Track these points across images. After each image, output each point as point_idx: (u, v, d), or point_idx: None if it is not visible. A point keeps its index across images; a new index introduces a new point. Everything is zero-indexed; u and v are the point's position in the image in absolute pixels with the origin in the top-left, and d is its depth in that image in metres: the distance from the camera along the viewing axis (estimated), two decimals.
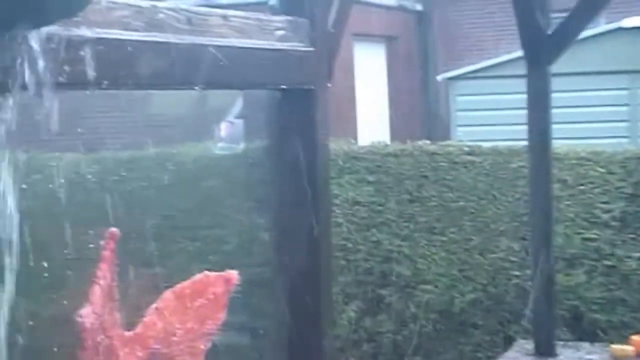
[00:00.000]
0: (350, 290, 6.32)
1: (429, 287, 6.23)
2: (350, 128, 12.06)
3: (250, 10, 2.33)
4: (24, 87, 1.62)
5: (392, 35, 14.83)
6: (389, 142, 7.00)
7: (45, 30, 1.59)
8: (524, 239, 5.94)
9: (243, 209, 6.57)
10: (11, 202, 1.69)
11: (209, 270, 2.27)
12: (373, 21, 13.64)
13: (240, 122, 10.45)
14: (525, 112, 5.25)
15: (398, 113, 14.45)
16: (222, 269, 2.32)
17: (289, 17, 2.44)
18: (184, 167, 6.77)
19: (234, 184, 6.65)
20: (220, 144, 9.42)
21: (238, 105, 10.97)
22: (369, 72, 14.17)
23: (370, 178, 6.46)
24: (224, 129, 10.90)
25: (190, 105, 10.86)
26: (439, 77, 11.69)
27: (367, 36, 13.73)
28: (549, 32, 5.13)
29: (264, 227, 6.46)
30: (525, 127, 5.28)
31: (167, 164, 6.76)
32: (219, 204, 6.63)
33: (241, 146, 7.48)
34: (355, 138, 9.88)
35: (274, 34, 2.34)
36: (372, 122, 13.70)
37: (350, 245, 6.35)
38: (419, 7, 15.32)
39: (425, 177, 6.37)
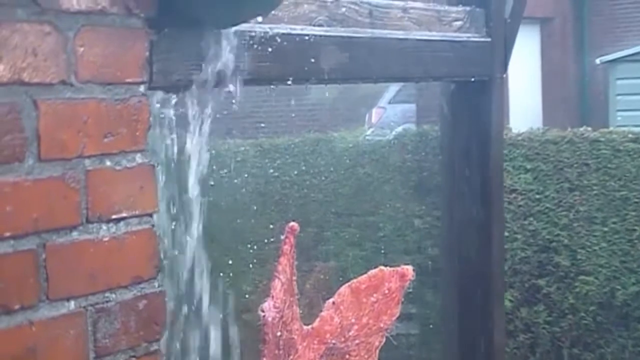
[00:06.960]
0: (506, 279, 6.20)
1: (589, 278, 6.05)
2: None
3: (427, 1, 2.29)
4: (216, 83, 1.64)
5: (547, 16, 14.42)
6: (541, 129, 6.80)
7: (237, 27, 1.59)
8: None
9: (399, 195, 6.53)
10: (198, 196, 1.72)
11: (385, 265, 2.25)
12: (528, 2, 13.26)
13: (392, 107, 10.41)
14: None
15: (551, 98, 14.07)
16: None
17: (466, 8, 2.39)
18: (339, 154, 6.79)
19: (387, 170, 6.62)
20: (370, 130, 9.41)
21: (390, 91, 10.92)
22: (522, 54, 13.83)
23: (528, 165, 6.31)
24: (374, 114, 10.88)
25: (341, 91, 10.88)
26: (598, 60, 11.31)
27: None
28: None
29: (419, 215, 6.42)
30: None
31: (322, 151, 6.79)
32: (374, 190, 6.62)
33: (394, 132, 7.43)
34: (507, 124, 9.67)
35: (452, 25, 2.29)
36: (524, 107, 13.38)
37: (506, 233, 6.22)
38: None
39: (587, 164, 6.17)
